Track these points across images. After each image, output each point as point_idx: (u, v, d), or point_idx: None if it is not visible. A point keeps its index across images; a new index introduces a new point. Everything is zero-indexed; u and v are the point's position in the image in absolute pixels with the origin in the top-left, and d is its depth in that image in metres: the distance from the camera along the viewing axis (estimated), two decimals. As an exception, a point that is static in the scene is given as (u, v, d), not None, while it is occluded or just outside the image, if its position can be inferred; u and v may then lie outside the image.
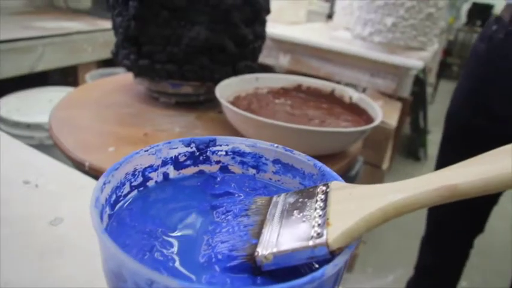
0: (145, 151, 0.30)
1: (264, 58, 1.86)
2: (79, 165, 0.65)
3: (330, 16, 2.47)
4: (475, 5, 5.10)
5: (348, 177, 0.71)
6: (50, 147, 0.97)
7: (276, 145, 0.32)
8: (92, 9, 1.90)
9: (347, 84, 1.83)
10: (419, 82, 2.67)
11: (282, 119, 0.71)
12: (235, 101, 0.75)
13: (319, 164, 0.30)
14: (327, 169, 0.29)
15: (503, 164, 0.20)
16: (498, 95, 0.86)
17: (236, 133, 0.70)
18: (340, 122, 0.74)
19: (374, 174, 1.64)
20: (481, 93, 0.89)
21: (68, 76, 1.60)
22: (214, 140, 0.32)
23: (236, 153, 0.32)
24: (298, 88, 0.83)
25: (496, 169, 0.20)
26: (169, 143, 0.31)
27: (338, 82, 1.82)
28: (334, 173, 0.29)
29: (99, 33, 1.54)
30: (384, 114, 1.55)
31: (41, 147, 1.10)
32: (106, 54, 1.49)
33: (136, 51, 0.76)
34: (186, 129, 0.75)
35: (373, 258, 1.79)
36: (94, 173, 0.64)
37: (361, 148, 0.79)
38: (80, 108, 0.81)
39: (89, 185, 0.53)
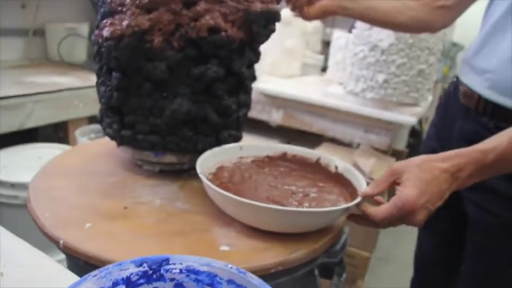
0: (93, 276, 0.28)
1: (257, 113, 1.86)
2: (54, 242, 0.63)
3: (324, 69, 2.50)
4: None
5: (332, 252, 0.68)
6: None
7: (229, 266, 0.30)
8: (86, 63, 1.92)
9: (340, 143, 1.82)
10: (415, 134, 2.67)
11: (264, 193, 0.69)
12: (218, 172, 0.74)
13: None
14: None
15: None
16: (446, 136, 0.96)
17: (217, 205, 0.68)
18: (324, 195, 0.72)
19: (368, 232, 1.60)
20: (438, 133, 1.00)
21: (58, 131, 1.59)
22: (167, 259, 0.30)
23: (191, 271, 0.30)
24: (283, 157, 0.82)
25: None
26: (120, 264, 0.29)
27: (331, 138, 1.82)
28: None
29: (90, 89, 1.54)
30: (377, 172, 1.54)
31: (24, 207, 1.07)
32: (98, 110, 1.48)
33: (119, 121, 0.74)
34: (167, 201, 0.73)
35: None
36: (68, 251, 0.61)
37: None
38: (61, 176, 0.79)
39: (58, 275, 0.50)
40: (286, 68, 2.24)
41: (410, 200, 0.60)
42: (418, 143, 2.69)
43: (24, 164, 1.30)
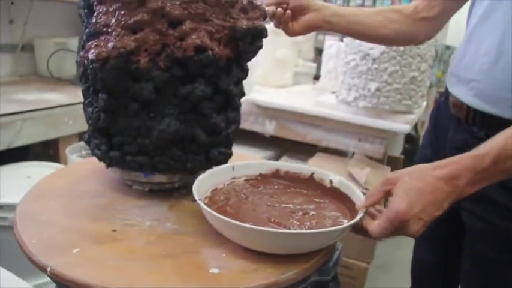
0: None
1: (249, 125, 1.85)
2: (42, 270, 0.61)
3: (317, 77, 2.50)
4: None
5: (325, 269, 0.66)
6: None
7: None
8: (76, 78, 1.90)
9: (334, 152, 1.81)
10: (411, 139, 2.67)
11: (263, 214, 0.67)
12: (213, 196, 0.72)
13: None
14: None
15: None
16: (438, 145, 0.97)
17: (208, 225, 0.66)
18: (323, 212, 0.70)
19: (365, 243, 1.59)
20: (432, 142, 1.01)
21: (49, 148, 1.57)
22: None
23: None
24: (276, 174, 0.80)
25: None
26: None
27: (325, 147, 1.81)
28: None
29: (80, 105, 1.52)
30: (372, 182, 1.53)
31: (12, 229, 1.05)
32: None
33: (107, 142, 0.73)
34: (157, 222, 0.71)
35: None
36: (56, 278, 0.60)
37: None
38: (48, 199, 0.77)
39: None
40: (279, 78, 2.23)
41: (401, 211, 0.58)
42: (414, 148, 2.69)
43: (13, 183, 1.28)
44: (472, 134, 0.84)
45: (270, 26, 0.90)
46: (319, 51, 2.80)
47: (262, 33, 0.71)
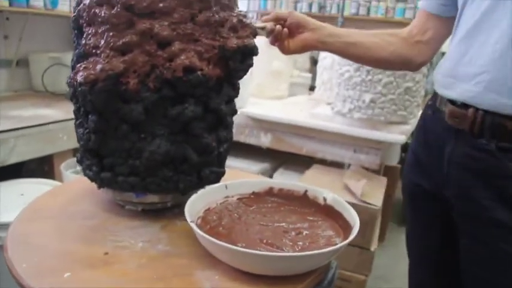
0: None
1: (245, 137, 1.85)
2: (32, 294, 0.60)
3: (312, 88, 2.50)
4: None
5: (320, 289, 0.66)
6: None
7: None
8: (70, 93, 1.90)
9: (331, 164, 1.81)
10: (408, 148, 2.66)
11: (256, 235, 0.67)
12: (206, 216, 0.72)
13: None
14: None
15: None
16: (429, 163, 0.91)
17: (201, 246, 0.65)
18: (317, 232, 0.69)
19: (363, 255, 1.58)
20: (419, 161, 0.95)
21: (43, 165, 1.57)
22: None
23: None
24: (269, 192, 0.80)
25: None
26: None
27: (321, 159, 1.80)
28: None
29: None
30: (368, 194, 1.52)
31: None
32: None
33: (98, 163, 0.72)
34: (149, 244, 0.70)
35: None
36: (46, 305, 0.59)
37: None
38: (40, 220, 0.77)
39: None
40: (274, 89, 2.23)
41: None
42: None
43: (7, 201, 1.27)
44: (480, 147, 0.78)
45: (264, 39, 0.90)
46: (314, 62, 2.80)
47: (253, 51, 0.71)
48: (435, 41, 0.95)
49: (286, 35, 0.92)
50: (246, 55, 0.70)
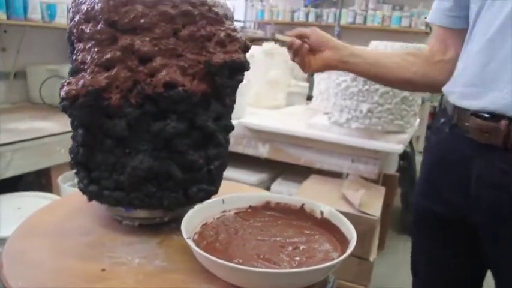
0: None
1: (243, 148, 1.85)
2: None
3: (310, 97, 2.50)
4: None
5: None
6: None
7: None
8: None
9: (329, 174, 1.81)
10: (406, 156, 2.66)
11: (253, 250, 0.67)
12: (203, 231, 0.71)
13: None
14: None
15: None
16: (447, 185, 0.85)
17: (198, 261, 0.65)
18: (314, 246, 0.69)
19: (362, 266, 1.57)
20: (434, 184, 0.90)
21: (41, 177, 1.56)
22: None
23: None
24: (266, 206, 0.79)
25: None
26: None
27: (319, 169, 1.80)
28: None
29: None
30: (366, 204, 1.52)
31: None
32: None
33: (87, 176, 0.72)
34: (145, 260, 0.70)
35: None
36: (42, 322, 0.58)
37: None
38: (36, 237, 0.76)
39: None
40: (272, 99, 2.23)
41: None
42: (410, 165, 2.68)
43: (4, 215, 1.27)
44: None
45: (262, 48, 0.90)
46: (312, 71, 2.81)
47: (242, 67, 0.69)
48: (457, 57, 0.89)
49: (306, 50, 0.91)
50: (235, 70, 0.68)
